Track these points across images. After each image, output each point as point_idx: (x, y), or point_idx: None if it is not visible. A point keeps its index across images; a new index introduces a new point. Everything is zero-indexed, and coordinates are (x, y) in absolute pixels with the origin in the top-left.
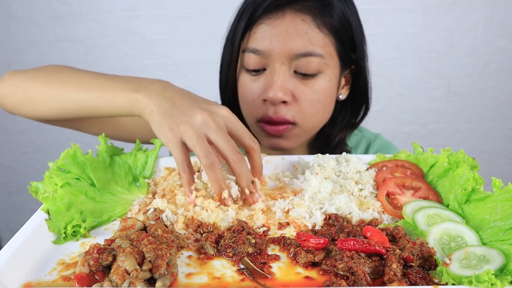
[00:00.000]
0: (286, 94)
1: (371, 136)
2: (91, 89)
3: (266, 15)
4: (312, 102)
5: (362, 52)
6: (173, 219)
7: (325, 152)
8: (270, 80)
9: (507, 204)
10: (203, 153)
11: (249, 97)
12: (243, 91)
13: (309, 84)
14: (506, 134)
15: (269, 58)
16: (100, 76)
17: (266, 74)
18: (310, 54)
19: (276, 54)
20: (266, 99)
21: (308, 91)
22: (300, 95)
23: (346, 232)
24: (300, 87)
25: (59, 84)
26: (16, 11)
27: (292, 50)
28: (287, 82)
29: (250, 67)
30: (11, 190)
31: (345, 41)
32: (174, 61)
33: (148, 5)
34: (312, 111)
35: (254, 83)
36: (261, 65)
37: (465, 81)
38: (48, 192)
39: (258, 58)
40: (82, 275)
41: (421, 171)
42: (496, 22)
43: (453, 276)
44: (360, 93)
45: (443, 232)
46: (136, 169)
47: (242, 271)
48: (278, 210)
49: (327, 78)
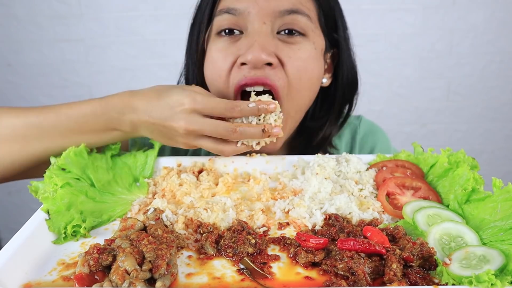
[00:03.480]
0: (270, 55)
1: (354, 120)
2: (66, 135)
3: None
4: (299, 69)
5: (343, 36)
6: (173, 219)
7: (305, 153)
8: (250, 40)
9: (507, 204)
10: (215, 122)
11: (222, 65)
12: (213, 60)
13: (294, 48)
14: (506, 134)
15: (247, 18)
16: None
17: (245, 36)
18: (297, 11)
19: (256, 12)
20: (245, 61)
21: (294, 55)
22: (285, 59)
23: (346, 232)
24: (284, 49)
25: (22, 140)
26: (16, 11)
27: (277, 6)
28: (269, 43)
29: (224, 27)
30: (11, 190)
31: (328, 15)
32: (174, 61)
33: (148, 5)
34: (299, 81)
35: (229, 48)
36: (237, 26)
37: (465, 81)
38: (48, 192)
39: (234, 18)
40: (82, 275)
41: (421, 171)
42: (496, 22)
43: (453, 276)
44: (343, 84)
45: (443, 232)
46: (136, 169)
47: (242, 271)
48: (278, 210)
49: (313, 46)
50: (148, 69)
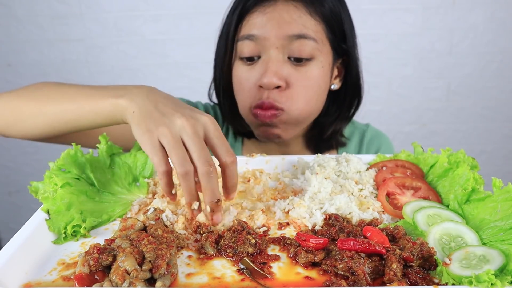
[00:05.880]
0: (280, 79)
1: (362, 127)
2: (74, 100)
3: (258, 4)
4: (304, 88)
5: (352, 43)
6: (173, 219)
7: (320, 144)
8: (265, 66)
9: (507, 204)
10: (179, 160)
11: (245, 85)
12: (238, 81)
13: (302, 70)
14: (506, 134)
15: (264, 44)
16: (84, 87)
17: (261, 61)
18: (304, 36)
19: (270, 38)
20: (261, 85)
21: (301, 77)
22: (293, 81)
23: (346, 232)
24: (293, 73)
25: (43, 99)
26: (16, 11)
27: (287, 32)
28: (281, 68)
29: (245, 55)
30: (11, 190)
31: (336, 30)
32: (174, 61)
33: (148, 5)
34: (303, 98)
35: (250, 72)
36: (256, 52)
37: (465, 81)
38: (48, 192)
39: (253, 44)
40: (82, 275)
41: (421, 171)
42: (496, 22)
43: (453, 276)
44: (352, 85)
45: (443, 232)
46: (136, 169)
47: (242, 271)
48: (278, 210)
49: (320, 65)
50: (148, 69)
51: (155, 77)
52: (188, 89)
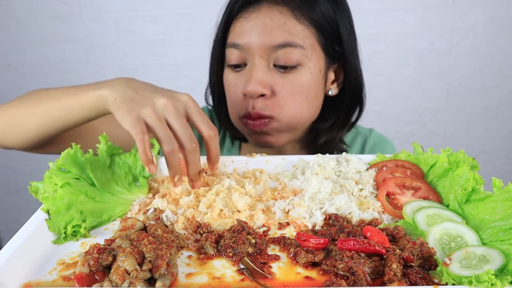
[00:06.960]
0: (265, 87)
1: (365, 131)
2: (60, 99)
3: (243, 9)
4: (292, 95)
5: (350, 46)
6: (173, 219)
7: (317, 150)
8: (249, 74)
9: (507, 204)
10: (165, 138)
11: (233, 93)
12: (228, 88)
13: (288, 78)
14: (506, 134)
15: (248, 52)
16: (70, 87)
17: (246, 69)
18: (289, 45)
19: (254, 48)
20: (245, 93)
21: (287, 84)
22: (279, 89)
23: (346, 232)
24: (279, 80)
25: (33, 103)
26: (16, 11)
27: (270, 41)
28: (265, 76)
29: (232, 62)
30: (11, 190)
31: (328, 34)
32: (174, 61)
33: (148, 5)
34: (292, 104)
35: (237, 79)
36: (242, 59)
37: (465, 81)
38: (48, 192)
39: (239, 53)
40: (82, 275)
41: (421, 171)
42: (496, 22)
43: (453, 276)
44: (351, 90)
45: (443, 232)
46: (136, 169)
47: (242, 271)
48: (278, 210)
49: (309, 71)
50: (148, 69)
51: (155, 77)
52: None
